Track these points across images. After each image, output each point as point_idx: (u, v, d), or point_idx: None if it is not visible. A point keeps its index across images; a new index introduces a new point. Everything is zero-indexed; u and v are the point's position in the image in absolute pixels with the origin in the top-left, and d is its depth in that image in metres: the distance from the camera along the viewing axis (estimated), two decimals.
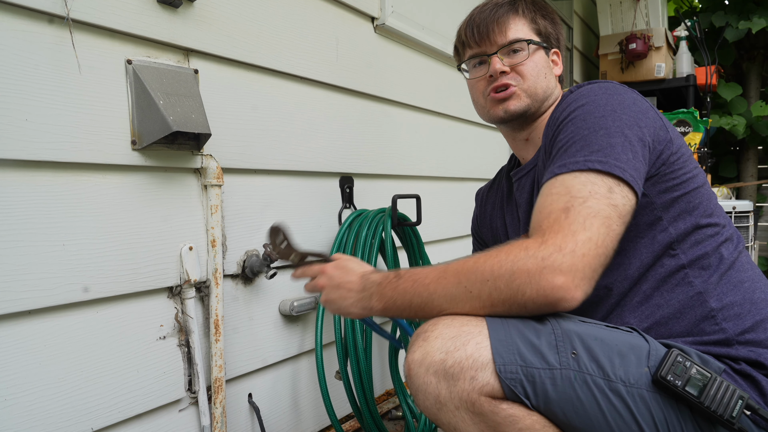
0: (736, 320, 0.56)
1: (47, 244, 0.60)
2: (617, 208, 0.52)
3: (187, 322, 0.75)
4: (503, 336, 0.51)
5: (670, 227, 0.58)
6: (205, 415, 0.77)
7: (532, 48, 0.69)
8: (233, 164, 0.82)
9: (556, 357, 0.51)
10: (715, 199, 0.63)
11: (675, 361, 0.50)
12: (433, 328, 0.53)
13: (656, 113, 0.61)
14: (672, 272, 0.58)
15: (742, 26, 2.60)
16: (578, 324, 0.53)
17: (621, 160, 0.54)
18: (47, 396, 0.60)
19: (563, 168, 0.55)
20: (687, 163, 0.60)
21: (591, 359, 0.51)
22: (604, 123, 0.56)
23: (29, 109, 0.59)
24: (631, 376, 0.51)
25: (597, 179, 0.53)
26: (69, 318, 0.63)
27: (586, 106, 0.59)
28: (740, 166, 3.09)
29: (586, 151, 0.55)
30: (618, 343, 0.52)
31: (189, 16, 0.74)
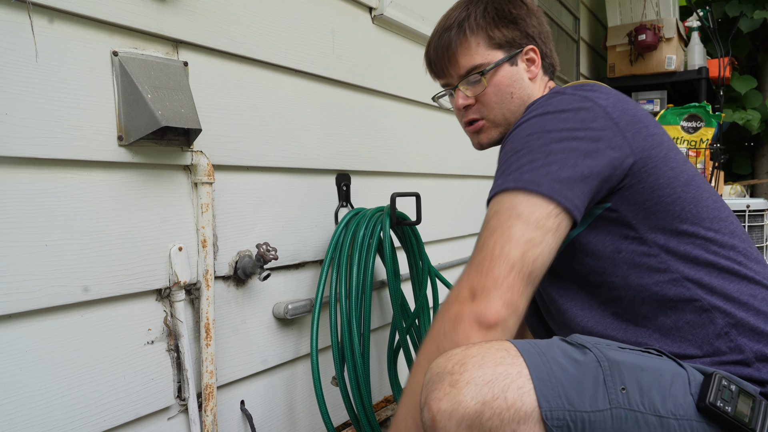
0: (752, 336, 0.52)
1: (29, 245, 0.58)
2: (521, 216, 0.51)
3: (177, 326, 0.72)
4: (546, 375, 0.46)
5: (649, 240, 0.54)
6: (195, 423, 0.74)
7: (492, 71, 0.66)
8: (225, 161, 0.79)
9: (605, 395, 0.46)
10: (707, 199, 0.57)
11: (720, 386, 0.46)
12: (461, 369, 0.46)
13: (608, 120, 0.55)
14: (668, 287, 0.53)
15: (757, 16, 2.53)
16: (621, 352, 0.49)
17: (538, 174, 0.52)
18: (29, 404, 0.58)
19: (489, 194, 0.56)
20: (659, 166, 0.55)
21: (641, 394, 0.46)
22: (528, 141, 0.55)
23: (9, 103, 0.56)
24: (680, 408, 0.47)
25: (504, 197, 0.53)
26: (52, 322, 0.60)
27: (518, 127, 0.57)
28: (755, 163, 3.02)
29: (504, 175, 0.55)
30: (662, 373, 0.48)
31: (178, 6, 0.71)
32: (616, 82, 2.41)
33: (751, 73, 2.92)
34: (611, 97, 0.58)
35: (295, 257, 0.93)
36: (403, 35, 1.20)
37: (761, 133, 2.82)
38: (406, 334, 1.01)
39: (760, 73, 2.91)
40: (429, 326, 1.03)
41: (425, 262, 1.05)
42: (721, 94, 2.34)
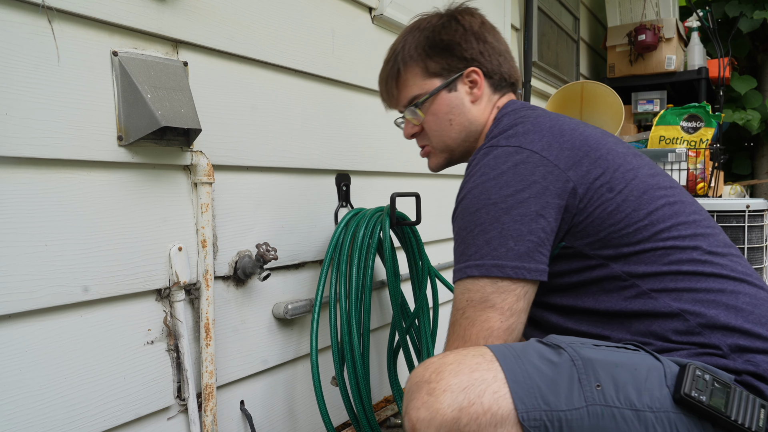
0: (723, 331, 0.53)
1: (28, 245, 0.58)
2: (495, 307, 0.54)
3: (176, 326, 0.72)
4: (521, 377, 0.47)
5: (611, 264, 0.55)
6: (195, 423, 0.74)
7: (428, 101, 0.67)
8: (224, 161, 0.79)
9: (580, 393, 0.47)
10: (665, 202, 0.57)
11: (695, 376, 0.47)
12: (438, 377, 0.48)
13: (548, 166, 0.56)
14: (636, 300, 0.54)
15: (757, 16, 2.53)
16: (595, 350, 0.50)
17: (499, 255, 0.54)
18: (28, 404, 0.58)
19: (454, 276, 0.58)
20: (606, 194, 0.56)
21: (617, 390, 0.47)
22: (479, 218, 0.56)
23: (10, 103, 0.56)
24: (656, 401, 0.47)
25: (472, 284, 0.55)
26: (52, 322, 0.60)
27: (464, 200, 0.58)
28: (755, 163, 3.02)
29: (465, 256, 0.56)
30: (637, 367, 0.49)
31: (178, 6, 0.71)
32: (616, 82, 2.42)
33: (751, 73, 2.92)
34: (545, 135, 0.58)
35: (295, 257, 0.93)
36: None
37: (761, 133, 2.82)
38: (405, 335, 1.01)
39: (759, 74, 2.91)
40: (428, 327, 1.04)
41: (425, 262, 1.04)
42: (721, 95, 2.34)
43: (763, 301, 0.55)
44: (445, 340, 0.59)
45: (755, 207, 1.48)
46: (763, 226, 1.60)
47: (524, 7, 1.82)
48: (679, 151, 1.67)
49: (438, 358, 0.51)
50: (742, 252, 1.41)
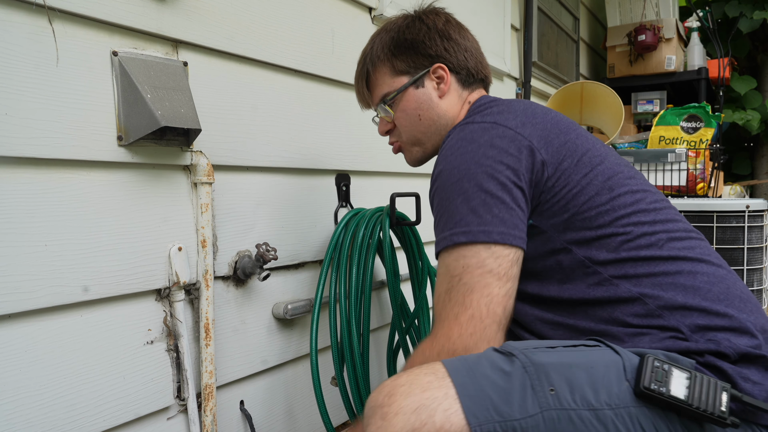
0: (683, 312, 0.53)
1: (28, 245, 0.58)
2: (493, 272, 0.54)
3: (176, 326, 0.72)
4: (473, 391, 0.47)
5: (573, 249, 0.56)
6: (194, 423, 0.74)
7: (397, 98, 0.70)
8: (224, 161, 0.79)
9: (534, 400, 0.47)
10: (628, 189, 0.58)
11: (653, 368, 0.47)
12: (390, 400, 0.48)
13: (520, 141, 0.57)
14: (600, 287, 0.55)
15: (757, 16, 2.53)
16: (548, 353, 0.50)
17: (484, 222, 0.55)
18: (28, 404, 0.58)
19: (438, 246, 0.58)
20: (572, 176, 0.57)
21: (572, 391, 0.47)
22: (460, 187, 0.57)
23: (9, 103, 0.56)
24: (615, 397, 0.47)
25: (466, 250, 0.55)
26: (52, 322, 0.60)
27: (442, 173, 0.59)
28: (754, 163, 3.02)
29: (450, 224, 0.56)
30: (594, 365, 0.49)
31: (178, 6, 0.71)
32: (616, 82, 2.42)
33: (751, 73, 2.92)
34: (518, 115, 0.60)
35: (295, 257, 0.93)
36: None
37: (761, 133, 2.82)
38: (405, 335, 1.01)
39: (759, 74, 2.91)
40: (428, 327, 1.04)
41: (425, 263, 1.04)
42: (721, 95, 2.34)
43: (722, 278, 0.56)
44: (436, 308, 0.57)
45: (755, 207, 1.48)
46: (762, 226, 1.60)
47: (524, 7, 1.82)
48: (678, 151, 1.67)
49: (391, 380, 0.51)
50: (741, 252, 1.42)
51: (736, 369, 0.50)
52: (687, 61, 2.40)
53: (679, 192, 1.66)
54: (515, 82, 1.80)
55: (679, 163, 1.67)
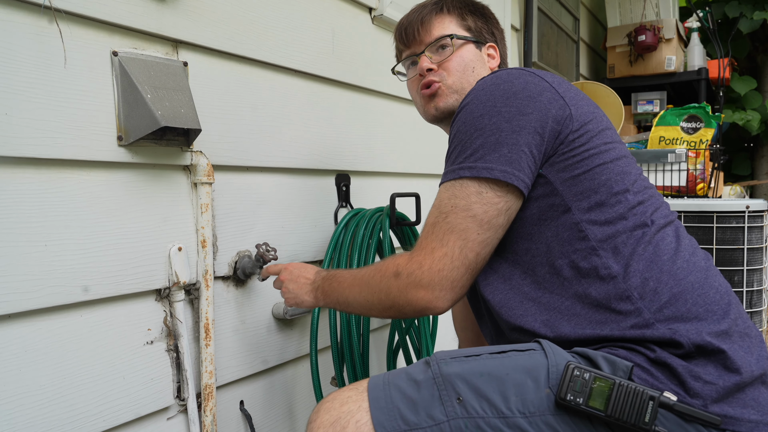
0: (652, 296, 0.53)
1: (28, 245, 0.58)
2: (476, 218, 0.55)
3: (176, 326, 0.72)
4: (384, 403, 0.51)
5: (573, 207, 0.56)
6: (194, 423, 0.74)
7: (459, 43, 0.71)
8: (224, 161, 0.79)
9: (441, 409, 0.49)
10: (635, 175, 0.60)
11: (572, 377, 0.47)
12: (316, 416, 0.55)
13: (554, 93, 0.58)
14: (584, 256, 0.55)
15: (757, 17, 2.53)
16: (463, 363, 0.52)
17: (491, 159, 0.55)
18: (28, 404, 0.58)
19: (442, 178, 0.59)
20: (594, 139, 0.58)
21: (480, 399, 0.49)
22: (480, 122, 0.57)
23: (9, 103, 0.56)
24: (530, 405, 0.48)
25: (459, 190, 0.56)
26: (52, 322, 0.60)
27: (468, 105, 0.59)
28: (754, 164, 3.02)
29: (460, 158, 0.57)
30: (510, 372, 0.50)
31: (178, 6, 0.71)
32: (616, 82, 2.42)
33: (751, 74, 2.92)
34: (555, 78, 0.62)
35: (295, 257, 0.93)
36: None
37: (761, 134, 2.82)
38: (405, 335, 1.01)
39: (759, 74, 2.91)
40: (428, 327, 1.04)
41: None
42: (721, 95, 2.34)
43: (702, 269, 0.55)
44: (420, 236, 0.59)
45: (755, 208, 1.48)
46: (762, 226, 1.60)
47: (524, 7, 1.82)
48: (678, 151, 1.67)
49: (324, 399, 0.56)
50: (741, 253, 1.41)
51: (687, 366, 0.49)
52: (687, 61, 2.40)
53: (678, 192, 1.66)
54: None
55: (679, 163, 1.67)
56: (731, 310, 0.53)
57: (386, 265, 0.59)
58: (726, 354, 0.49)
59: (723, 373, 0.49)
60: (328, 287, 0.66)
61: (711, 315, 0.52)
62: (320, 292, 0.68)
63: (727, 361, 0.49)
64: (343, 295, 0.64)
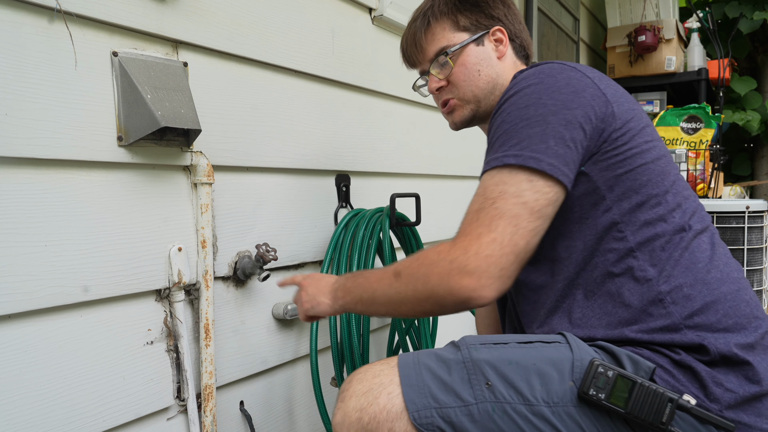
0: (684, 302, 0.53)
1: (28, 245, 0.58)
2: (527, 205, 0.53)
3: (176, 327, 0.72)
4: (415, 380, 0.53)
5: (614, 207, 0.56)
6: (194, 423, 0.74)
7: (457, 52, 0.68)
8: (224, 161, 0.79)
9: (470, 391, 0.51)
10: (674, 175, 0.59)
11: (596, 374, 0.49)
12: (348, 386, 0.55)
13: (597, 89, 0.58)
14: (622, 257, 0.55)
15: (757, 17, 2.53)
16: (492, 350, 0.53)
17: (538, 150, 0.54)
18: (28, 404, 0.58)
19: (485, 166, 0.57)
20: (635, 138, 0.57)
21: (507, 386, 0.50)
22: (526, 113, 0.56)
23: (9, 104, 0.56)
24: (554, 395, 0.50)
25: (508, 177, 0.54)
26: (52, 322, 0.60)
27: (512, 97, 0.58)
28: (754, 164, 3.02)
29: (505, 147, 0.56)
30: (537, 362, 0.51)
31: (178, 7, 0.71)
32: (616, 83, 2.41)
33: (751, 74, 2.92)
34: (596, 72, 0.61)
35: (295, 258, 0.93)
36: None
37: (761, 134, 2.82)
38: (405, 335, 1.01)
39: (759, 75, 2.91)
40: (428, 327, 1.04)
41: None
42: (721, 96, 2.34)
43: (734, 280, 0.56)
44: (462, 224, 0.55)
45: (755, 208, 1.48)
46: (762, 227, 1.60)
47: (524, 7, 1.83)
48: (678, 152, 1.67)
49: (356, 370, 0.57)
50: (741, 253, 1.41)
51: (710, 372, 0.50)
52: (687, 61, 2.40)
53: None
54: None
55: (679, 163, 1.67)
56: (760, 325, 0.54)
57: (424, 254, 0.56)
58: (751, 365, 0.51)
59: (744, 383, 0.50)
60: (351, 284, 0.63)
61: (740, 328, 0.52)
62: (341, 291, 0.64)
63: (750, 373, 0.50)
64: (369, 289, 0.59)
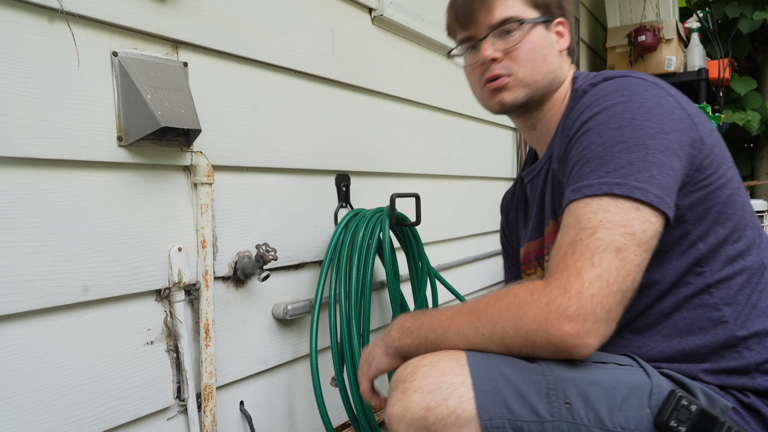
0: (759, 349, 0.51)
1: (29, 245, 0.58)
2: (635, 236, 0.47)
3: (176, 327, 0.72)
4: (488, 386, 0.47)
5: (699, 242, 0.52)
6: (194, 423, 0.74)
7: (527, 27, 0.60)
8: (224, 161, 0.79)
9: (547, 407, 0.47)
10: (749, 206, 0.56)
11: (679, 406, 0.46)
12: (412, 377, 0.49)
13: (683, 110, 0.53)
14: (696, 292, 0.53)
15: (757, 17, 2.52)
16: (572, 367, 0.49)
17: (642, 179, 0.48)
18: (28, 404, 0.58)
19: (576, 193, 0.50)
20: (721, 164, 0.54)
21: (587, 408, 0.47)
22: (622, 135, 0.50)
23: (9, 104, 0.56)
24: (631, 422, 0.47)
25: (611, 205, 0.48)
26: (52, 322, 0.60)
27: (600, 114, 0.52)
28: (754, 164, 3.01)
29: (600, 172, 0.49)
30: (617, 386, 0.48)
31: (178, 7, 0.71)
32: None
33: (751, 74, 2.92)
34: (672, 88, 0.56)
35: (295, 258, 0.93)
36: (403, 36, 1.20)
37: (761, 134, 2.82)
38: None
39: (759, 75, 2.91)
40: None
41: (425, 263, 1.04)
42: (721, 96, 2.34)
43: None
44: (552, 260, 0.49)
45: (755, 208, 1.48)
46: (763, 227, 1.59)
47: None
48: None
49: (417, 359, 0.51)
50: None
51: None
52: (687, 61, 2.40)
53: None
54: None
55: None
56: None
57: (511, 291, 0.49)
58: None
59: None
60: (412, 323, 0.55)
61: None
62: (396, 331, 0.56)
63: None
64: (438, 328, 0.52)
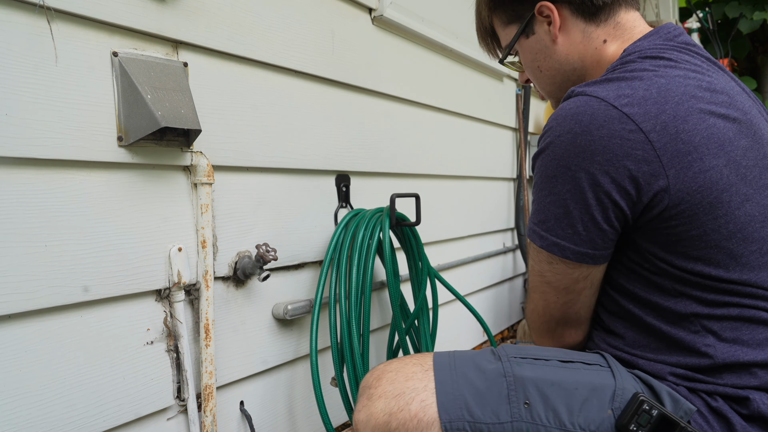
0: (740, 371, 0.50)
1: (28, 245, 0.58)
2: (551, 284, 0.56)
3: (176, 327, 0.72)
4: (450, 388, 0.50)
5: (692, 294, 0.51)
6: (194, 423, 0.74)
7: (515, 50, 0.63)
8: (224, 161, 0.79)
9: (507, 409, 0.49)
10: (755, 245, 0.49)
11: (640, 410, 0.47)
12: (377, 383, 0.52)
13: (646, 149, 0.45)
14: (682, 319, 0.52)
15: (757, 17, 2.53)
16: (535, 366, 0.51)
17: (564, 237, 0.52)
18: (28, 404, 0.58)
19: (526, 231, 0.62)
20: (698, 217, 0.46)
21: (546, 408, 0.48)
22: (554, 186, 0.51)
23: (9, 104, 0.56)
24: (591, 423, 0.48)
25: (534, 252, 0.56)
26: (51, 322, 0.60)
27: (546, 152, 0.51)
28: None
29: (534, 218, 0.56)
30: (579, 387, 0.49)
31: (178, 7, 0.71)
32: None
33: (751, 74, 2.92)
34: (668, 108, 0.46)
35: (295, 258, 0.93)
36: (403, 36, 1.20)
37: None
38: (405, 335, 1.01)
39: (759, 75, 2.91)
40: (428, 327, 1.04)
41: (424, 263, 1.05)
42: None
43: None
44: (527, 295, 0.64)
45: None
46: None
47: None
48: None
49: (383, 365, 0.55)
50: None
51: (745, 426, 0.48)
52: None
53: None
54: (515, 82, 1.80)
55: None
56: None
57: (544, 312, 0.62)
58: None
59: None
60: None
61: None
62: None
63: None
64: None
